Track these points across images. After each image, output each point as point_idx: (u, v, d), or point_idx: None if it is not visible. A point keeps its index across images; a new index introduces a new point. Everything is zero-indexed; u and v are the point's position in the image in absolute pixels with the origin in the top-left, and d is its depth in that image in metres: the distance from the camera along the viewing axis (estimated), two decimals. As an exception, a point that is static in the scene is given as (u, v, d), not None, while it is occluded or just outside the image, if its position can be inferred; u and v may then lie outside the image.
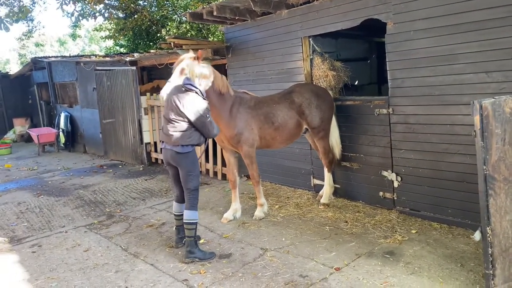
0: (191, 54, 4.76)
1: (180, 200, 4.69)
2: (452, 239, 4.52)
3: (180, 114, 4.28)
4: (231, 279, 3.99)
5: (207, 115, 4.36)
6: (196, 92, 4.37)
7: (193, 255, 4.41)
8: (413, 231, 4.79)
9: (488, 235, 3.29)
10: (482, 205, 3.31)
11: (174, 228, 4.93)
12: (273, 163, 7.14)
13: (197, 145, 4.46)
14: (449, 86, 4.64)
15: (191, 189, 4.44)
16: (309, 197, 6.37)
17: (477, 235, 4.27)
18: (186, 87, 4.37)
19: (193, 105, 4.28)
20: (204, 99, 4.43)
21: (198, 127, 4.36)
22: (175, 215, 4.78)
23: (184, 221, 4.48)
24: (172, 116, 4.32)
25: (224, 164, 7.74)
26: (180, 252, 4.65)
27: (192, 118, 4.28)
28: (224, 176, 7.82)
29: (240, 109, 5.35)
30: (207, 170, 8.30)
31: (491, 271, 3.31)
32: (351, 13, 5.47)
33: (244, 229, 5.25)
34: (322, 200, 5.94)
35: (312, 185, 6.57)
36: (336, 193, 6.14)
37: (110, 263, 4.54)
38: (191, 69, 4.51)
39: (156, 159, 9.68)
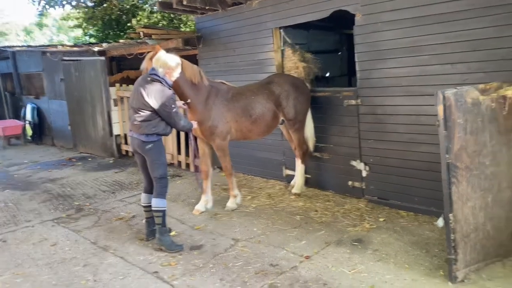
0: (151, 54, 4.65)
1: (148, 190, 4.69)
2: (418, 226, 4.65)
3: (145, 103, 4.29)
4: (202, 270, 4.00)
5: (173, 106, 4.37)
6: (161, 82, 4.36)
7: (160, 242, 4.47)
8: (381, 219, 4.91)
9: (450, 221, 3.41)
10: (445, 193, 3.43)
11: (144, 221, 4.88)
12: (246, 154, 7.15)
13: (163, 134, 4.50)
14: (415, 77, 4.74)
15: (158, 177, 4.47)
16: (281, 187, 6.42)
17: (440, 222, 4.43)
18: (151, 77, 4.37)
19: (157, 95, 4.29)
20: (169, 89, 4.41)
21: (163, 117, 4.38)
22: (143, 206, 4.77)
23: (152, 208, 4.51)
24: (138, 105, 4.34)
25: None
26: (150, 245, 4.61)
27: (157, 107, 4.29)
28: (196, 168, 7.77)
29: (216, 101, 5.29)
30: (179, 162, 8.24)
31: (453, 256, 3.45)
32: (321, 4, 5.50)
33: (216, 220, 5.25)
34: (293, 190, 6.00)
35: (284, 175, 6.62)
36: (307, 183, 6.19)
37: (79, 257, 4.46)
38: (156, 59, 4.44)
39: (127, 151, 9.52)
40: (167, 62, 4.44)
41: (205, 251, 4.42)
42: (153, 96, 4.27)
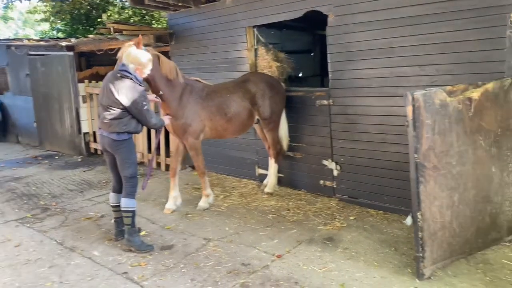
0: (130, 42, 4.52)
1: (117, 190, 4.58)
2: (387, 225, 4.74)
3: (115, 101, 4.16)
4: (173, 270, 3.94)
5: (144, 103, 4.25)
6: (131, 79, 4.23)
7: (129, 243, 4.39)
8: (352, 218, 4.98)
9: (418, 220, 3.49)
10: (413, 192, 3.50)
11: (112, 221, 4.77)
12: (219, 154, 7.10)
13: (135, 132, 4.39)
14: (386, 78, 4.83)
15: (128, 176, 4.37)
16: (253, 186, 6.41)
17: (408, 220, 4.53)
18: (121, 74, 4.23)
19: (128, 92, 4.17)
20: (140, 85, 4.29)
21: (134, 114, 4.27)
22: (112, 206, 4.65)
23: (121, 208, 4.40)
24: (108, 103, 4.21)
25: (168, 155, 7.59)
26: (119, 245, 4.51)
27: (127, 105, 4.18)
28: (167, 167, 7.67)
29: (190, 99, 5.20)
30: (150, 161, 8.09)
31: (421, 254, 3.53)
32: (294, 4, 5.53)
33: (187, 220, 5.19)
34: (266, 189, 6.01)
35: (256, 174, 6.61)
36: (279, 182, 6.22)
37: (44, 258, 4.32)
38: (127, 54, 4.32)
39: (96, 149, 9.30)
40: (138, 58, 4.32)
41: (176, 251, 4.36)
42: (124, 93, 4.16)
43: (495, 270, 3.62)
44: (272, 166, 5.98)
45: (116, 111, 4.20)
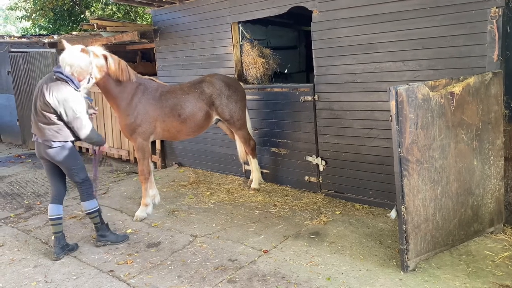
0: (73, 46, 4.18)
1: (57, 201, 4.27)
2: (372, 219, 4.80)
3: (47, 104, 3.89)
4: (160, 268, 3.93)
5: (77, 110, 3.96)
6: (67, 82, 3.95)
7: (104, 238, 4.39)
8: (337, 212, 5.02)
9: (402, 213, 3.54)
10: (397, 186, 3.55)
11: (53, 237, 4.32)
12: (205, 150, 7.09)
13: (73, 141, 4.14)
14: (370, 73, 4.87)
15: (80, 181, 4.23)
16: (240, 183, 6.42)
17: (393, 214, 4.56)
18: (56, 76, 3.95)
19: (59, 95, 3.89)
20: (76, 90, 4.00)
21: (65, 121, 3.98)
22: (51, 219, 4.23)
23: (86, 213, 4.36)
24: (40, 106, 3.94)
25: (154, 152, 7.55)
26: (103, 244, 4.48)
27: (59, 110, 3.91)
28: (155, 164, 7.64)
29: (142, 99, 5.08)
30: (136, 158, 8.04)
31: (405, 247, 3.58)
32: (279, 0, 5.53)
33: (174, 217, 5.18)
34: (252, 186, 6.02)
35: (243, 171, 6.62)
36: (265, 178, 6.24)
37: (29, 258, 4.27)
38: (61, 58, 3.99)
39: (80, 147, 9.20)
40: (74, 61, 4.00)
41: (163, 248, 4.35)
42: (55, 95, 3.87)
43: (477, 261, 3.70)
44: (252, 161, 6.00)
45: (49, 116, 3.94)
